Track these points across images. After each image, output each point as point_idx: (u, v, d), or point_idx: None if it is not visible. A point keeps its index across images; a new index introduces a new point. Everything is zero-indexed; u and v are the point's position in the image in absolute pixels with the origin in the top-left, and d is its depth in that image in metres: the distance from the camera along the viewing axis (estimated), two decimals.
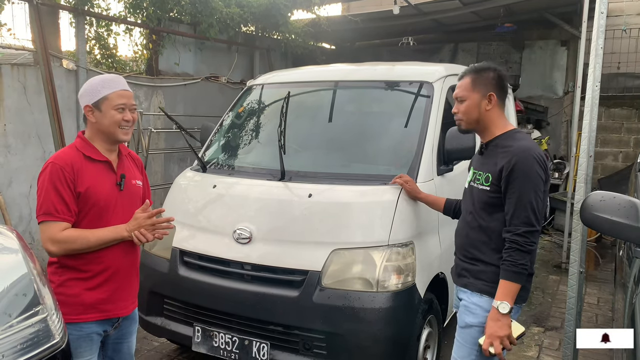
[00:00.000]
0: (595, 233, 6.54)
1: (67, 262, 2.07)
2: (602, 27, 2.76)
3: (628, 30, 8.07)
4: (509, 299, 2.05)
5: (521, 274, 2.07)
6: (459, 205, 2.70)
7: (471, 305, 2.23)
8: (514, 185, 2.08)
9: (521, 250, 2.06)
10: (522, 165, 2.07)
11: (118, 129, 2.14)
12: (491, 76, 2.25)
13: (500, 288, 2.09)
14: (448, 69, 3.77)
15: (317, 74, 4.17)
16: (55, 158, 2.08)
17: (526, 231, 2.06)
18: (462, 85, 2.29)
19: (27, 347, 1.42)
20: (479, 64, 2.32)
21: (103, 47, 5.90)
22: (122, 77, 2.25)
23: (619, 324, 2.85)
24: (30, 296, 1.55)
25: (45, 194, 2.01)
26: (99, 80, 2.16)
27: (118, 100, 2.12)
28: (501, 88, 2.26)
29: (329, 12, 8.78)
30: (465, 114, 2.26)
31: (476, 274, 2.24)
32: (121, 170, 2.22)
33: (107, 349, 2.30)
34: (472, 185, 2.32)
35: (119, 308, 2.20)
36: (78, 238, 2.02)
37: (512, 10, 7.93)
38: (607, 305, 4.83)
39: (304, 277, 2.80)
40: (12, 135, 4.74)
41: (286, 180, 3.12)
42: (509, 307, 2.04)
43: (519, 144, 2.14)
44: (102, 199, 2.11)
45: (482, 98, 2.23)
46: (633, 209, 2.01)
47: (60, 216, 2.00)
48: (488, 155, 2.26)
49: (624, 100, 8.31)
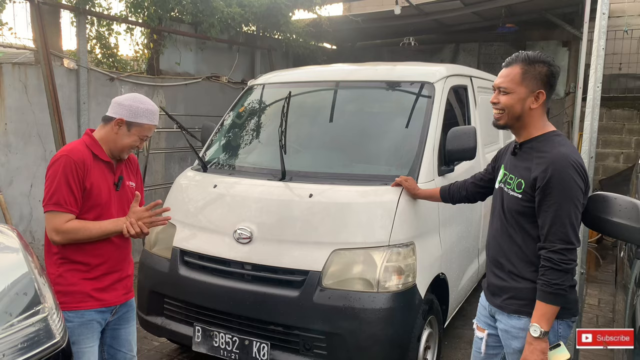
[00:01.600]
0: (596, 234, 6.53)
1: (67, 255, 2.17)
2: (604, 28, 2.76)
3: (630, 31, 8.06)
4: (543, 321, 1.89)
5: (557, 294, 1.88)
6: (453, 188, 2.67)
7: (512, 330, 2.05)
8: (551, 198, 1.89)
9: (556, 269, 1.87)
10: (559, 176, 1.87)
11: (128, 150, 2.28)
12: (544, 71, 1.99)
13: (535, 309, 1.93)
14: (449, 70, 3.77)
15: (318, 73, 4.17)
16: (69, 152, 2.16)
17: (563, 249, 1.87)
18: (509, 74, 2.03)
19: (28, 346, 1.42)
20: (532, 53, 2.03)
21: (104, 47, 5.90)
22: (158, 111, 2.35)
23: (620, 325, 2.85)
24: (31, 295, 1.55)
25: (57, 185, 2.10)
26: (145, 107, 2.25)
27: (148, 132, 2.28)
28: (551, 86, 2.02)
29: (330, 12, 8.78)
30: (508, 107, 2.02)
31: (511, 294, 2.06)
32: (119, 172, 2.33)
33: (106, 336, 2.39)
34: (502, 188, 2.14)
35: (114, 297, 2.30)
36: (81, 229, 2.12)
37: (514, 11, 7.92)
38: (608, 307, 4.83)
39: (305, 277, 2.80)
40: (13, 134, 4.74)
41: (287, 180, 3.12)
42: (539, 331, 1.88)
43: (556, 151, 1.92)
44: (103, 197, 2.21)
45: (529, 94, 1.99)
46: (634, 210, 2.00)
47: (68, 208, 2.10)
48: (522, 158, 2.05)
49: (625, 101, 8.29)
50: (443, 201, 2.79)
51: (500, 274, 2.12)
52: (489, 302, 2.19)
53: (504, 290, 2.09)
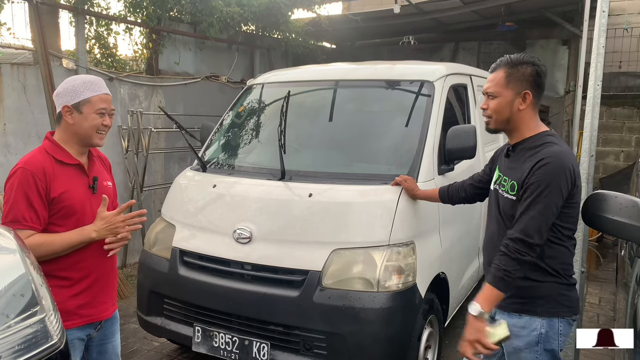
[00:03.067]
0: (597, 233, 6.52)
1: (47, 269, 1.97)
2: (604, 26, 2.75)
3: (630, 29, 8.05)
4: (485, 303, 1.91)
5: (503, 280, 1.90)
6: (452, 189, 2.68)
7: (513, 329, 2.01)
8: (530, 191, 1.91)
9: (509, 256, 1.90)
10: (544, 174, 1.89)
11: (96, 133, 2.08)
12: (529, 72, 2.00)
13: (481, 290, 1.96)
14: (449, 68, 3.76)
15: (318, 73, 4.16)
16: (25, 163, 2.00)
17: (520, 239, 1.90)
18: (494, 79, 2.05)
19: (25, 348, 1.41)
20: (515, 56, 2.05)
21: (103, 47, 5.89)
22: (103, 79, 2.18)
23: (621, 324, 2.84)
24: (28, 297, 1.54)
25: (14, 201, 1.95)
26: (80, 80, 2.08)
27: (100, 104, 2.06)
28: (538, 86, 2.03)
29: (329, 11, 8.77)
30: (496, 112, 2.05)
31: (510, 293, 2.01)
32: (93, 173, 2.16)
33: (92, 351, 2.25)
34: (496, 190, 2.15)
35: (100, 311, 2.17)
36: (43, 244, 1.96)
37: (513, 9, 7.90)
38: (609, 305, 4.82)
39: (305, 277, 2.79)
40: (12, 134, 4.74)
41: (286, 180, 3.11)
42: (478, 311, 1.89)
43: (549, 149, 1.93)
44: (78, 203, 2.06)
45: (515, 96, 2.01)
46: (635, 209, 1.99)
47: (27, 224, 1.95)
48: (515, 160, 2.07)
49: (625, 100, 8.28)
50: (442, 202, 2.79)
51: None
52: None
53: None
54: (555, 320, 1.98)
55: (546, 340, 1.99)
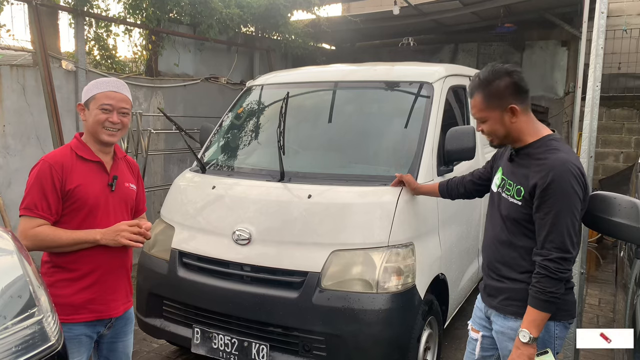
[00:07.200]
0: (596, 234, 6.52)
1: (57, 261, 2.10)
2: (603, 28, 2.75)
3: (629, 30, 8.06)
4: (533, 327, 1.87)
5: (550, 302, 1.87)
6: (451, 184, 2.67)
7: (508, 332, 2.04)
8: (549, 205, 1.86)
9: (552, 277, 1.85)
10: (558, 183, 1.84)
11: (101, 129, 2.13)
12: (503, 84, 1.95)
13: (526, 315, 1.91)
14: (448, 70, 3.76)
15: (317, 74, 4.16)
16: (47, 156, 2.12)
17: (559, 257, 1.85)
18: (475, 105, 2.03)
19: (23, 350, 1.41)
20: (484, 73, 2.01)
21: (102, 48, 5.90)
22: (122, 81, 2.24)
23: (620, 325, 2.84)
24: (26, 298, 1.54)
25: (30, 190, 2.05)
26: (95, 80, 2.19)
27: (104, 100, 2.12)
28: (519, 92, 1.97)
29: (328, 12, 8.78)
30: (491, 133, 2.04)
31: (507, 295, 2.05)
32: (114, 172, 2.23)
33: (102, 348, 2.30)
34: (500, 193, 2.11)
35: (111, 309, 2.20)
36: (49, 235, 2.03)
37: (512, 11, 7.92)
38: (608, 306, 4.82)
39: (304, 279, 2.79)
40: (12, 136, 4.74)
41: (285, 181, 3.11)
42: (529, 337, 1.87)
43: (555, 157, 1.89)
44: (92, 198, 2.12)
45: (502, 113, 1.97)
46: (634, 210, 1.99)
47: (37, 213, 2.03)
48: (519, 164, 2.02)
49: (624, 101, 8.29)
50: (442, 197, 2.78)
51: (497, 277, 2.11)
52: (485, 303, 2.18)
53: (500, 291, 2.08)
54: (551, 323, 1.97)
55: (542, 343, 1.98)
